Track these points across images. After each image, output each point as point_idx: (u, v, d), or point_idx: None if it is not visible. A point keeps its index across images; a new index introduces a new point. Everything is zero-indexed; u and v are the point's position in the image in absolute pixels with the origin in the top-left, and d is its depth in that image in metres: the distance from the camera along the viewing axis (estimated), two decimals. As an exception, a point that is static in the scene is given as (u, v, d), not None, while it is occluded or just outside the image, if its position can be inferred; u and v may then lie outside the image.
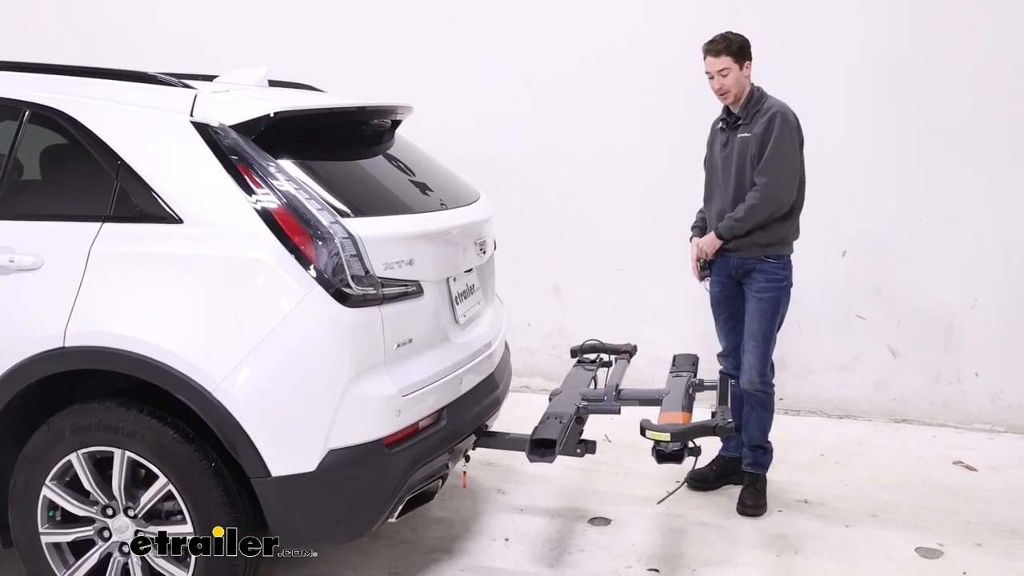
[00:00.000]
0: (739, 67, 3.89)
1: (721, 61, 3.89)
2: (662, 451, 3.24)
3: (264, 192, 2.75)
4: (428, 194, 3.37)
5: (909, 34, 5.16)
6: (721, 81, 3.92)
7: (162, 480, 2.77)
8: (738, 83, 3.92)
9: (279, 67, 3.83)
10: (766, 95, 3.98)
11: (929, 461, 4.72)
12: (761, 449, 4.14)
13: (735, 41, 3.91)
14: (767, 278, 3.97)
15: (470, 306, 3.44)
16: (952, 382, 5.35)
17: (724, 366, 4.26)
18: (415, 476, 2.92)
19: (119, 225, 2.81)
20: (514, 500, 4.11)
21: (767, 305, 3.97)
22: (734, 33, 3.95)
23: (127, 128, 2.88)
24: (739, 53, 3.89)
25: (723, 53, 3.89)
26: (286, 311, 2.68)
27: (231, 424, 2.66)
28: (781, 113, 3.85)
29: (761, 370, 4.01)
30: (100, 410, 2.80)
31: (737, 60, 3.89)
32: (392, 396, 2.80)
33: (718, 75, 3.92)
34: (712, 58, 3.91)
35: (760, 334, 3.98)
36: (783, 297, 4.02)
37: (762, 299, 3.97)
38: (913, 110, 5.21)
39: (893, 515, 4.03)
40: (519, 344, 5.53)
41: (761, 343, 3.99)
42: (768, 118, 3.85)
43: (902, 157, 5.26)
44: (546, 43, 5.61)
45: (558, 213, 5.71)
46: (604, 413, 3.62)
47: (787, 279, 4.02)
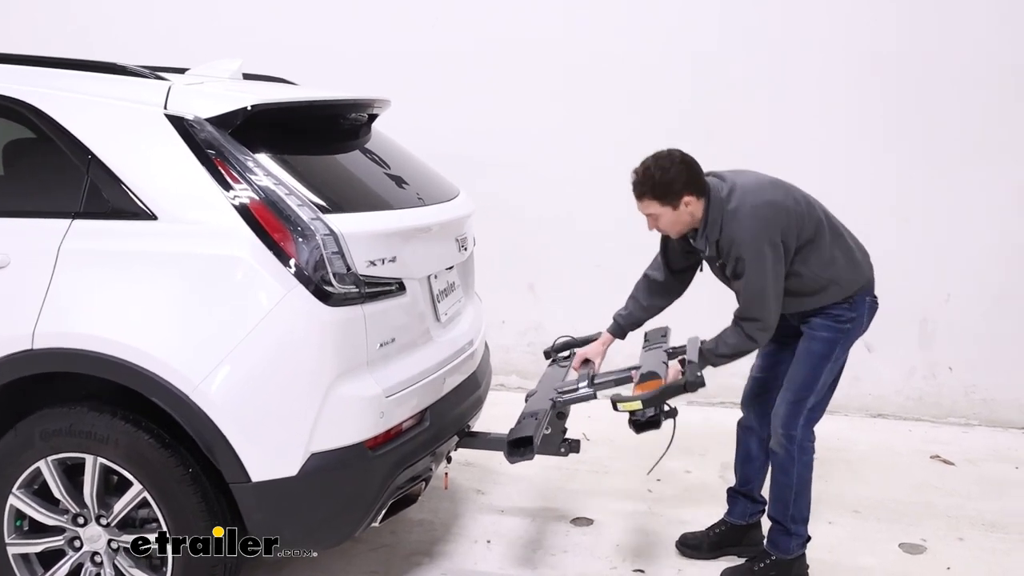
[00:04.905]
0: (672, 208, 3.10)
1: (646, 206, 3.15)
2: (638, 420, 3.17)
3: (242, 187, 2.65)
4: (407, 189, 3.29)
5: (894, 31, 5.16)
6: (653, 224, 3.21)
7: (137, 487, 2.67)
8: (678, 224, 3.16)
9: (275, 63, 3.74)
10: (726, 206, 3.09)
11: (906, 456, 4.73)
12: (780, 528, 3.37)
13: (659, 181, 3.07)
14: (825, 315, 3.22)
15: (451, 304, 3.37)
16: (927, 376, 5.38)
17: (744, 415, 3.61)
18: (398, 479, 2.85)
19: (90, 222, 2.70)
20: (494, 501, 4.05)
21: (818, 346, 3.22)
22: (659, 165, 3.09)
23: (98, 121, 2.77)
24: (664, 195, 3.08)
25: (646, 196, 3.13)
26: (265, 310, 2.59)
27: (209, 428, 2.57)
28: (744, 246, 3.05)
29: (786, 422, 3.26)
30: (71, 414, 2.70)
31: (665, 203, 3.10)
32: (375, 397, 2.72)
33: (649, 219, 3.21)
34: (636, 200, 3.17)
35: (798, 378, 3.24)
36: (840, 340, 3.23)
37: (814, 338, 3.23)
38: (890, 107, 5.21)
39: (874, 511, 4.03)
40: (494, 342, 5.41)
41: (797, 389, 3.24)
42: (735, 257, 3.09)
43: (878, 153, 5.26)
44: (524, 40, 5.53)
45: (533, 209, 5.63)
46: (580, 401, 3.35)
47: (852, 321, 3.23)
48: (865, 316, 3.29)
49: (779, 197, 3.14)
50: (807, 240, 3.16)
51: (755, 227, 3.06)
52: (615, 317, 3.59)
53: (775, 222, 3.07)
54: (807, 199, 3.23)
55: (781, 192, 3.17)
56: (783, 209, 3.11)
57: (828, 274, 3.18)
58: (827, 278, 3.18)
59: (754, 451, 3.57)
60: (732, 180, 3.18)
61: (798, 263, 3.16)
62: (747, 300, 3.14)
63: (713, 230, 3.12)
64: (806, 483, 3.36)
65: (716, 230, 3.12)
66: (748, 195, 3.11)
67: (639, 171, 3.14)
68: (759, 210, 3.07)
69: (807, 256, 3.17)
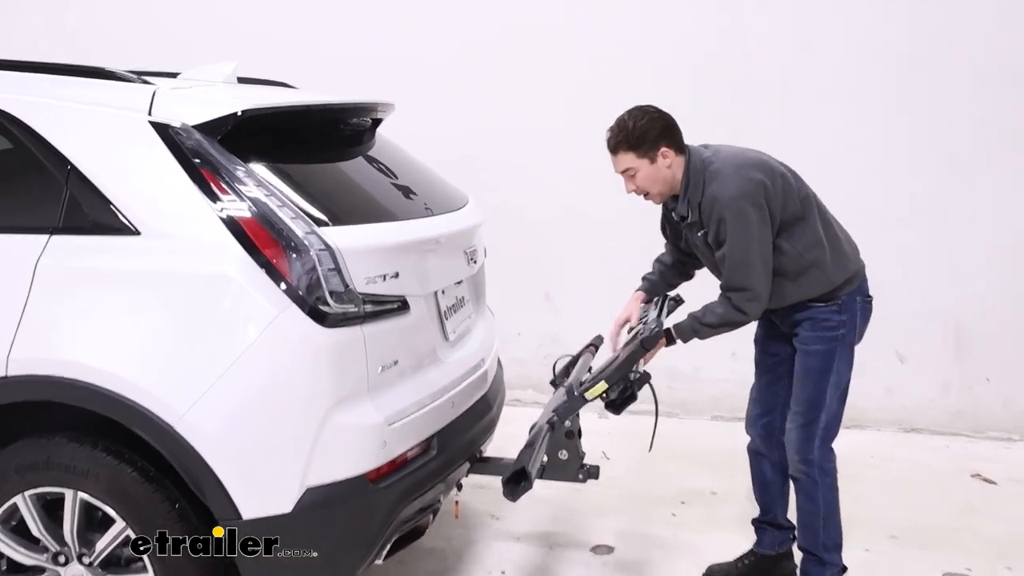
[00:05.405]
0: (649, 161, 2.95)
1: (621, 160, 2.99)
2: (613, 401, 3.01)
3: (231, 199, 2.45)
4: (413, 199, 3.08)
5: (922, 29, 4.96)
6: (631, 183, 3.03)
7: (120, 524, 2.47)
8: (656, 180, 2.99)
9: (276, 66, 3.55)
10: (708, 167, 2.95)
11: (945, 475, 4.48)
12: (813, 558, 3.16)
13: (634, 130, 2.94)
14: (814, 325, 3.03)
15: (460, 321, 3.16)
16: (963, 388, 5.15)
17: (751, 438, 3.39)
18: (403, 513, 2.63)
19: (69, 238, 2.49)
20: (509, 527, 3.83)
21: (815, 361, 3.03)
22: (634, 115, 2.97)
23: (78, 129, 2.57)
24: (639, 144, 2.93)
25: (621, 149, 2.97)
26: (256, 333, 2.38)
27: (196, 461, 2.36)
28: (727, 203, 2.87)
29: (800, 447, 3.07)
30: (49, 446, 2.50)
31: (642, 155, 2.95)
32: (377, 426, 2.51)
33: (624, 176, 3.04)
34: (612, 156, 3.01)
35: (804, 399, 3.05)
36: (838, 351, 3.03)
37: (808, 353, 3.04)
38: (926, 106, 5.00)
39: (914, 536, 3.78)
40: (509, 354, 5.23)
41: (805, 410, 3.05)
42: (717, 219, 2.90)
43: (915, 154, 5.04)
44: (537, 40, 5.33)
45: (549, 216, 5.41)
46: (575, 411, 3.07)
47: (844, 325, 3.03)
48: (858, 318, 3.07)
49: (765, 160, 3.01)
50: (793, 215, 2.98)
51: (739, 185, 2.88)
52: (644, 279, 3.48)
53: (759, 185, 2.90)
54: (795, 174, 3.06)
55: (767, 161, 3.02)
56: (769, 171, 2.95)
57: (812, 256, 2.98)
58: (810, 260, 2.98)
59: (769, 476, 3.36)
60: (716, 147, 3.06)
61: (782, 238, 2.97)
62: (731, 267, 2.93)
63: (695, 192, 2.97)
64: (834, 506, 3.15)
65: (698, 192, 2.96)
66: (733, 158, 2.99)
67: (613, 125, 3.01)
68: (743, 170, 2.92)
69: (792, 232, 2.98)
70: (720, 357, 4.79)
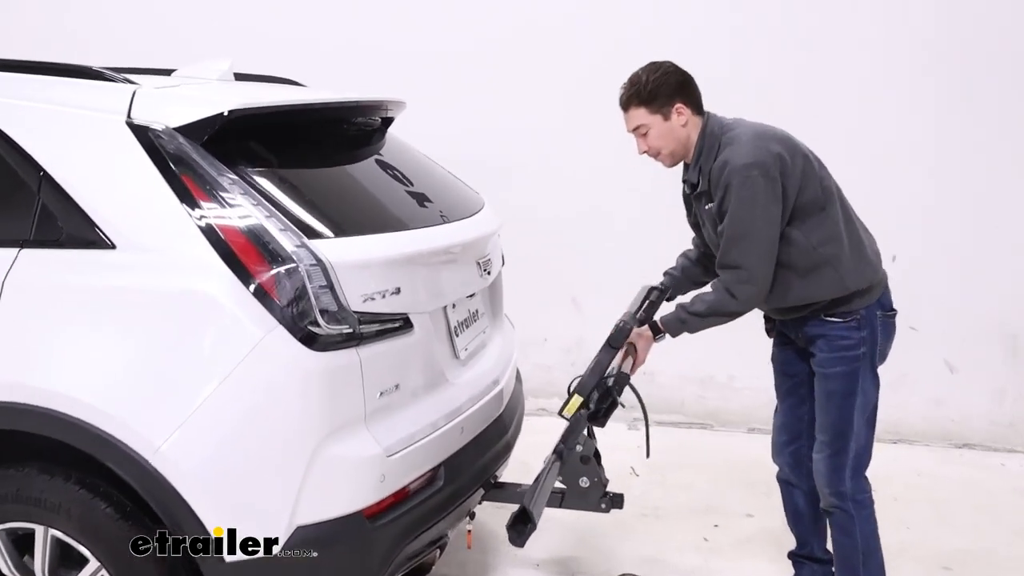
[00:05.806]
0: (662, 118, 2.77)
1: (633, 116, 2.81)
2: (595, 413, 2.85)
3: (214, 209, 2.23)
4: (425, 206, 2.85)
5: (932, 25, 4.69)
6: (643, 143, 2.84)
7: (93, 564, 2.27)
8: (669, 139, 2.80)
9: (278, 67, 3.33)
10: (726, 132, 2.76)
11: (1001, 496, 4.18)
12: None
13: (647, 84, 2.76)
14: (831, 345, 2.77)
15: (473, 336, 2.92)
16: (1019, 399, 4.83)
17: (779, 467, 3.15)
18: (406, 551, 2.41)
19: (40, 251, 2.29)
20: (528, 552, 3.57)
21: (836, 384, 2.77)
22: (648, 69, 2.80)
23: (50, 133, 2.36)
24: (653, 99, 2.76)
25: (633, 104, 2.79)
26: (240, 357, 2.15)
27: (174, 499, 2.15)
28: (737, 168, 2.64)
29: (830, 479, 2.81)
30: (17, 478, 2.29)
31: (655, 110, 2.77)
32: (374, 458, 2.28)
33: (636, 135, 2.85)
34: (624, 112, 2.84)
35: (829, 427, 2.80)
36: (860, 371, 2.76)
37: (828, 377, 2.79)
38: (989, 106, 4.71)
39: (969, 566, 3.50)
40: (534, 361, 5.03)
41: (831, 439, 2.79)
42: (724, 185, 2.67)
43: (968, 154, 4.74)
44: (560, 32, 5.06)
45: (575, 217, 5.15)
46: (578, 433, 2.86)
47: (864, 343, 2.75)
48: (879, 334, 2.80)
49: (790, 137, 2.78)
50: (812, 202, 2.72)
51: (753, 153, 2.65)
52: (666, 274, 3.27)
53: (776, 157, 2.66)
54: (821, 163, 2.82)
55: (792, 138, 2.79)
56: (791, 147, 2.72)
57: (826, 252, 2.72)
58: (824, 257, 2.72)
59: (801, 506, 3.10)
60: (741, 119, 2.86)
61: (795, 226, 2.72)
62: (728, 241, 2.70)
63: (707, 158, 2.76)
64: (873, 540, 2.88)
65: (711, 158, 2.75)
66: (754, 127, 2.79)
67: (626, 81, 2.82)
68: (762, 139, 2.70)
69: (807, 221, 2.72)
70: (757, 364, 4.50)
